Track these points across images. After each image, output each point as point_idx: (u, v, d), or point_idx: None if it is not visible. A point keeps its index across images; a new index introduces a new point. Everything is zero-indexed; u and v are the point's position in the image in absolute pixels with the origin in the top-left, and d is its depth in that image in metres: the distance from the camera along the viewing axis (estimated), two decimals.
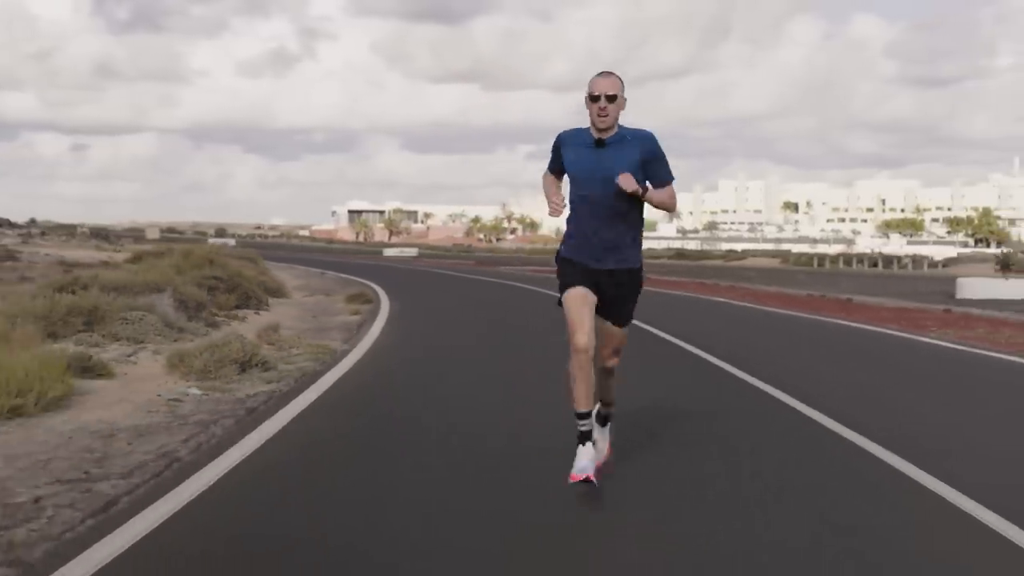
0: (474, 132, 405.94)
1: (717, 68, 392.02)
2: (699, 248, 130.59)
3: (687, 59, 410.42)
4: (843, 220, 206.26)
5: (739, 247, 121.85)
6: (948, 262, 63.23)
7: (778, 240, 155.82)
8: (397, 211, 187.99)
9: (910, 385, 11.05)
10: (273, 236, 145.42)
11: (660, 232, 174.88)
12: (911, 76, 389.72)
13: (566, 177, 5.95)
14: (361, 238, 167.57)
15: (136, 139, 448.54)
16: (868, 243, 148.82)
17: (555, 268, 5.99)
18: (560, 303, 5.80)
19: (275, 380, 9.79)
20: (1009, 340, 15.97)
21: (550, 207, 5.85)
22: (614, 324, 5.94)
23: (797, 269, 50.23)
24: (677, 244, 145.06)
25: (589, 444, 5.63)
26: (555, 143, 5.91)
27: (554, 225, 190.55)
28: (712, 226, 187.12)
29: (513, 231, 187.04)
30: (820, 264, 69.78)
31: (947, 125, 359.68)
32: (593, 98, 5.64)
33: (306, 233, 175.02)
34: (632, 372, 8.87)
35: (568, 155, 5.78)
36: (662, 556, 4.75)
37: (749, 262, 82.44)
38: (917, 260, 68.38)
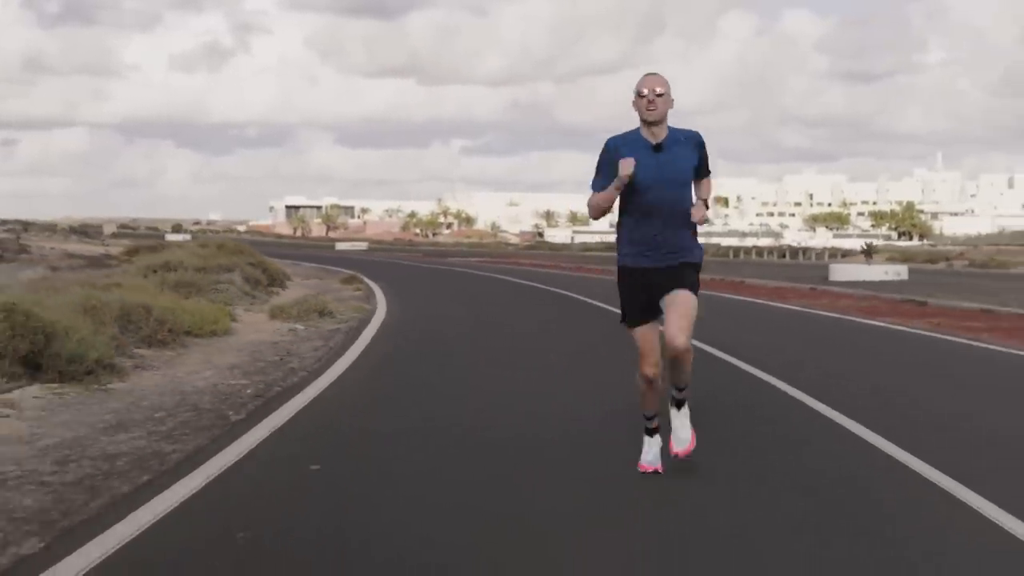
0: (409, 127, 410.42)
1: (651, 63, 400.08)
2: None
3: (621, 54, 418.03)
4: (772, 214, 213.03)
5: None
6: (846, 253, 70.32)
7: (708, 234, 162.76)
8: (334, 207, 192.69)
9: (762, 331, 17.09)
10: (223, 232, 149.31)
11: (593, 227, 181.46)
12: (842, 71, 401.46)
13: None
14: (299, 233, 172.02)
15: (67, 134, 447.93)
16: (795, 236, 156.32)
17: (615, 279, 6.24)
18: (623, 322, 6.17)
19: (342, 322, 15.75)
20: (840, 306, 22.28)
21: (623, 176, 5.75)
22: (682, 288, 5.98)
23: (714, 260, 56.29)
24: (611, 238, 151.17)
25: (657, 437, 6.18)
26: (607, 149, 5.94)
27: (489, 220, 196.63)
28: None
29: (449, 226, 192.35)
30: (736, 255, 76.55)
31: (878, 120, 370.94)
32: (640, 95, 5.81)
33: (243, 228, 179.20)
34: (547, 316, 14.89)
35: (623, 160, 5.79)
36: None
37: None
38: (821, 252, 75.39)
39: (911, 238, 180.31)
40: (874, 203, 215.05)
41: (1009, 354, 13.43)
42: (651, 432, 6.17)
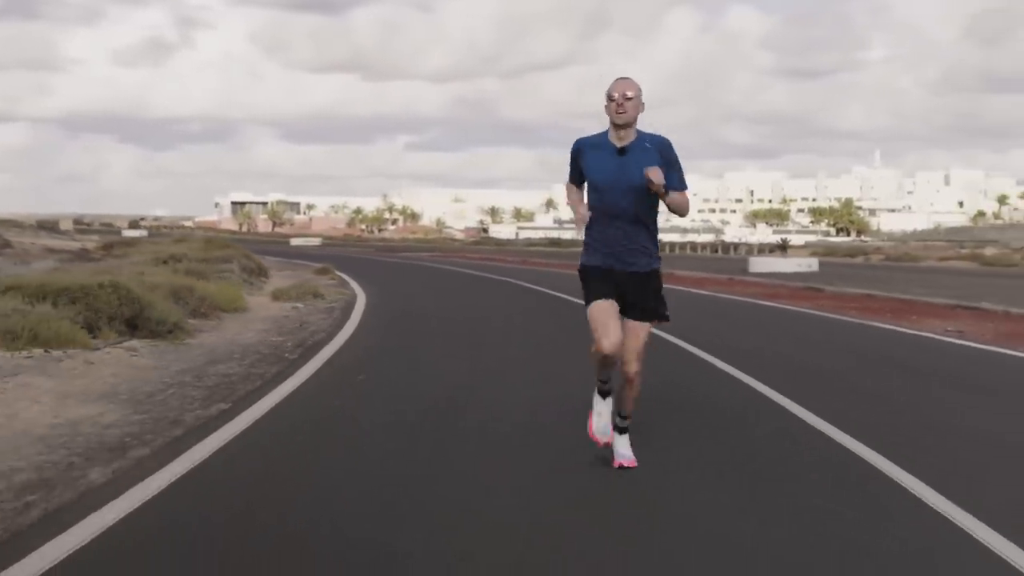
0: (353, 123, 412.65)
1: (597, 59, 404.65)
2: (574, 238, 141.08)
3: (567, 51, 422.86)
4: (713, 211, 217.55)
5: None
6: (774, 248, 75.11)
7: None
8: (280, 202, 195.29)
9: (672, 309, 21.04)
10: (172, 228, 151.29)
11: (538, 222, 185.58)
12: (786, 68, 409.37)
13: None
14: (245, 229, 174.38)
15: (8, 128, 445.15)
16: (736, 233, 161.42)
17: (579, 279, 6.30)
18: (587, 304, 6.17)
19: (333, 302, 19.45)
20: (747, 292, 26.33)
21: (576, 218, 6.15)
22: (639, 319, 6.23)
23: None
24: (555, 234, 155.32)
25: (609, 399, 6.29)
26: (573, 150, 6.16)
27: (434, 216, 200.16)
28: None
29: (394, 222, 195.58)
30: (673, 250, 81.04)
31: (820, 117, 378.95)
32: (611, 98, 5.93)
33: (190, 224, 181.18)
34: (486, 292, 18.76)
35: (589, 162, 6.04)
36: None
37: None
38: (751, 248, 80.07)
39: (849, 234, 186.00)
40: (814, 199, 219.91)
41: (854, 323, 17.48)
42: (604, 394, 6.29)
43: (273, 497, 5.75)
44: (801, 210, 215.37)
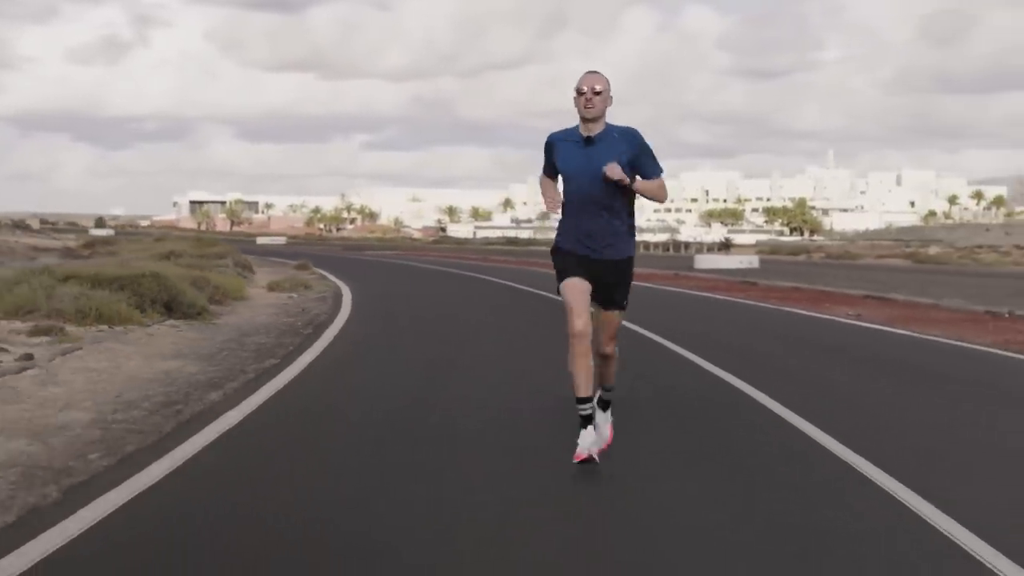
0: (310, 121, 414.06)
1: (554, 59, 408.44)
2: (531, 237, 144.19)
3: (524, 50, 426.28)
4: (669, 210, 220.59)
5: None
6: (719, 246, 78.82)
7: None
8: (238, 202, 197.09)
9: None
10: (130, 227, 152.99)
11: (496, 221, 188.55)
12: (743, 68, 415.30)
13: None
14: (203, 228, 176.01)
15: None
16: (691, 232, 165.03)
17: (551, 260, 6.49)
18: (559, 292, 6.35)
19: (322, 293, 22.32)
20: (688, 284, 29.46)
21: (547, 204, 6.40)
22: (610, 308, 6.50)
23: None
24: (512, 233, 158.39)
25: (591, 427, 6.21)
26: (546, 144, 6.37)
27: (392, 215, 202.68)
28: (545, 215, 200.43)
29: (352, 221, 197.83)
30: None
31: (776, 117, 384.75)
32: (580, 92, 6.11)
33: (148, 223, 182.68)
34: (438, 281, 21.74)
35: (559, 154, 6.25)
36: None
37: None
38: (700, 246, 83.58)
39: (802, 233, 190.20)
40: (768, 199, 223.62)
41: (775, 309, 20.60)
42: (585, 420, 6.23)
43: (335, 395, 8.70)
44: (756, 210, 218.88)
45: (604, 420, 6.77)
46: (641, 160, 6.23)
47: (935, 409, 9.27)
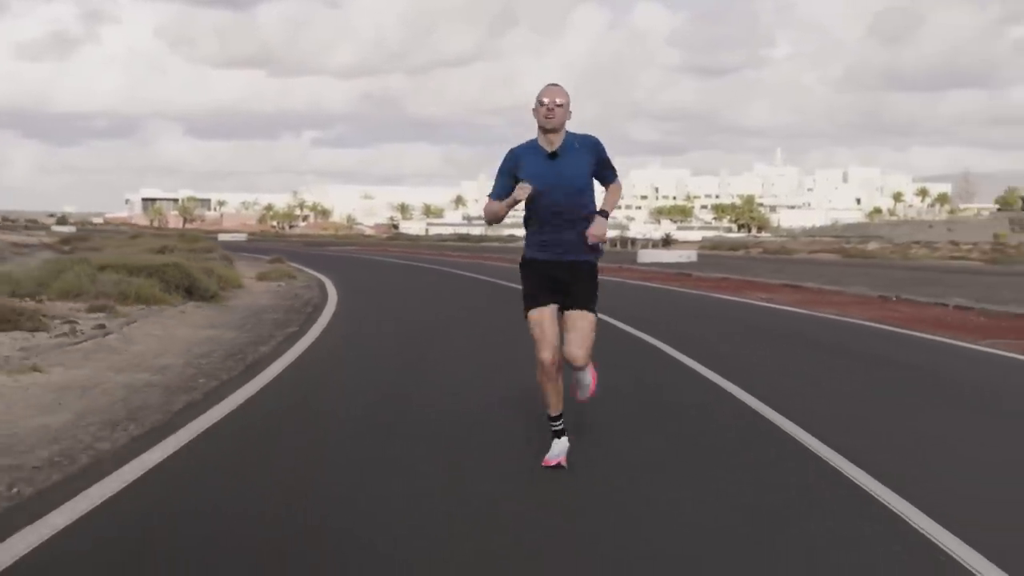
0: (259, 118, 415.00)
1: (504, 56, 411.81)
2: (483, 234, 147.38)
3: (474, 47, 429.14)
4: (619, 207, 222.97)
5: (520, 232, 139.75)
6: (663, 242, 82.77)
7: None
8: (190, 199, 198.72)
9: None
10: (83, 225, 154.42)
11: (447, 219, 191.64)
12: (693, 65, 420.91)
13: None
14: (156, 225, 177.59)
15: None
16: (641, 228, 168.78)
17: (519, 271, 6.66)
18: (526, 317, 6.46)
19: (306, 282, 25.50)
20: (629, 275, 32.90)
21: (518, 194, 6.26)
22: (580, 308, 6.45)
23: None
24: (463, 230, 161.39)
25: (564, 439, 6.50)
26: (509, 158, 6.42)
27: (344, 212, 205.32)
28: None
29: (305, 218, 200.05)
30: None
31: (725, 114, 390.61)
32: (541, 103, 6.25)
33: (100, 220, 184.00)
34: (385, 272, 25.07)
35: (525, 168, 6.30)
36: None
37: (521, 243, 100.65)
38: (646, 242, 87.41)
39: (749, 230, 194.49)
40: (717, 196, 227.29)
41: (702, 294, 24.05)
42: (558, 434, 6.48)
43: (352, 344, 11.98)
44: (705, 207, 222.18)
45: (585, 371, 6.66)
46: (601, 167, 6.47)
47: (798, 361, 12.70)
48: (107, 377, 10.01)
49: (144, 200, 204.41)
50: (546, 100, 6.26)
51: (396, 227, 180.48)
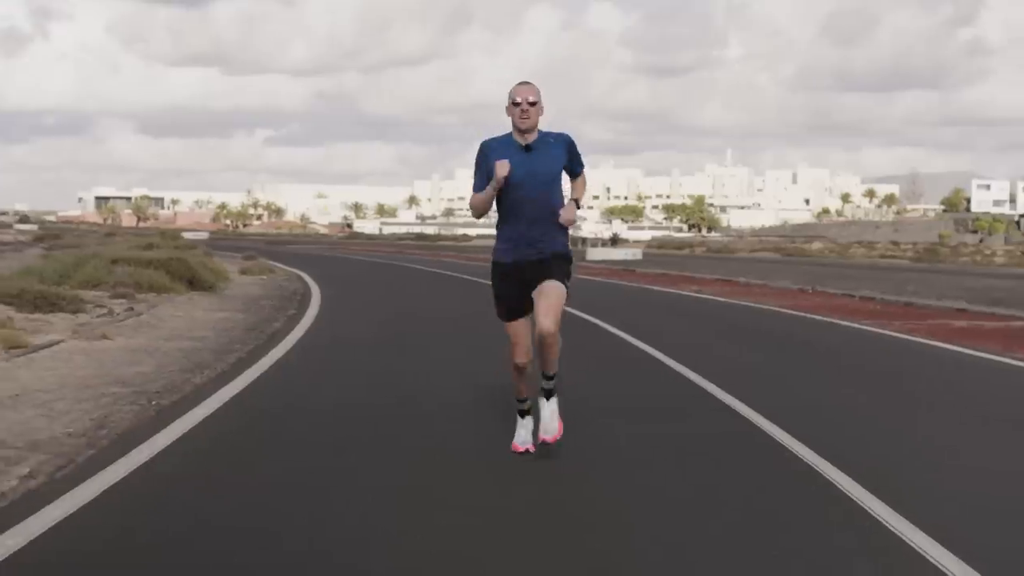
0: (213, 116, 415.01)
1: (458, 55, 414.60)
2: (436, 233, 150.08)
3: (428, 46, 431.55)
4: None
5: (473, 232, 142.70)
6: (611, 240, 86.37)
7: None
8: (144, 197, 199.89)
9: None
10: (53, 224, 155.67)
11: (401, 218, 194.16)
12: (646, 65, 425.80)
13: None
14: (109, 223, 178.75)
15: None
16: (592, 228, 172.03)
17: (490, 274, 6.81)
18: (499, 316, 6.75)
19: (287, 276, 28.39)
20: (579, 272, 36.12)
21: (499, 175, 6.33)
22: (551, 279, 6.52)
23: None
24: (417, 229, 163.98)
25: (529, 418, 6.79)
26: (482, 151, 6.56)
27: (298, 211, 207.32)
28: (449, 212, 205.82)
29: (259, 217, 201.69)
30: None
31: (678, 114, 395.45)
32: (515, 103, 6.39)
33: (53, 218, 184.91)
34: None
35: (498, 160, 6.38)
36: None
37: (476, 243, 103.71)
38: (595, 240, 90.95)
39: (700, 230, 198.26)
40: (668, 196, 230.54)
41: (642, 287, 27.23)
42: (523, 414, 6.83)
43: (346, 322, 14.96)
44: (656, 207, 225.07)
45: (550, 412, 6.71)
46: (572, 161, 6.65)
47: (701, 333, 15.83)
48: (161, 344, 12.92)
49: (97, 198, 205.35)
50: (519, 99, 6.42)
51: (350, 226, 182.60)
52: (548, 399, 6.71)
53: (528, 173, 6.42)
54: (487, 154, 6.53)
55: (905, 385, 10.81)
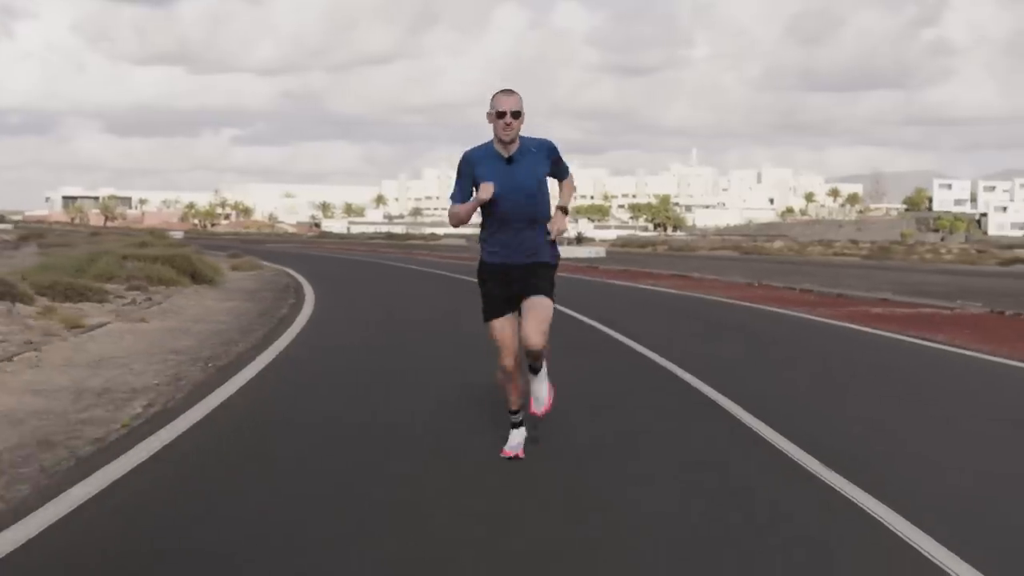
0: (179, 116, 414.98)
1: (424, 55, 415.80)
2: (404, 232, 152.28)
3: (395, 45, 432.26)
4: None
5: (441, 231, 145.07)
6: (577, 239, 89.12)
7: (477, 225, 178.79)
8: (111, 197, 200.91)
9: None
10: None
11: (369, 217, 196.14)
12: (612, 64, 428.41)
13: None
14: (77, 222, 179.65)
15: None
16: None
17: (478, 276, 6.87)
18: (486, 321, 6.74)
19: (275, 271, 30.73)
20: None
21: (482, 198, 6.41)
22: (537, 294, 6.59)
23: (472, 245, 73.21)
24: (385, 228, 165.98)
25: (522, 429, 6.83)
26: (465, 161, 6.56)
27: (266, 211, 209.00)
28: (417, 212, 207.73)
29: (227, 216, 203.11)
30: None
31: (644, 113, 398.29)
32: (499, 114, 6.35)
33: (19, 218, 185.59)
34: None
35: (483, 173, 6.45)
36: None
37: (444, 241, 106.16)
38: (561, 239, 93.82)
39: (665, 229, 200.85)
40: (634, 196, 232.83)
41: (603, 281, 29.78)
42: (516, 426, 6.84)
43: (345, 307, 17.38)
44: (622, 206, 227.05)
45: (539, 384, 6.94)
46: (556, 167, 6.65)
47: (649, 315, 18.36)
48: (190, 326, 15.30)
49: (64, 198, 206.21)
50: (504, 109, 6.38)
51: (319, 226, 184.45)
52: (536, 374, 6.93)
53: (511, 187, 6.44)
54: (471, 164, 6.52)
55: (798, 351, 13.73)
